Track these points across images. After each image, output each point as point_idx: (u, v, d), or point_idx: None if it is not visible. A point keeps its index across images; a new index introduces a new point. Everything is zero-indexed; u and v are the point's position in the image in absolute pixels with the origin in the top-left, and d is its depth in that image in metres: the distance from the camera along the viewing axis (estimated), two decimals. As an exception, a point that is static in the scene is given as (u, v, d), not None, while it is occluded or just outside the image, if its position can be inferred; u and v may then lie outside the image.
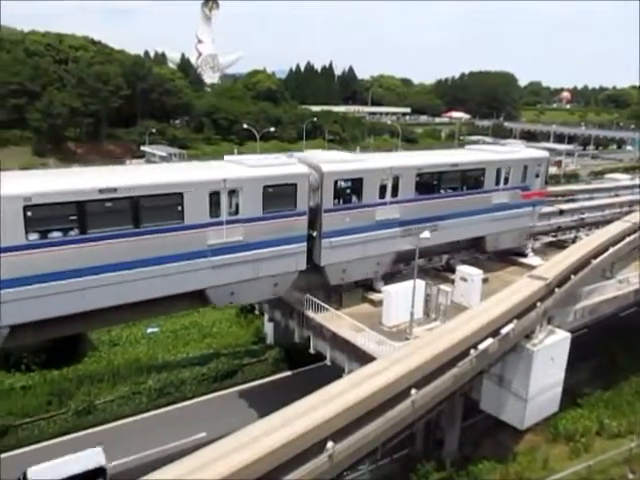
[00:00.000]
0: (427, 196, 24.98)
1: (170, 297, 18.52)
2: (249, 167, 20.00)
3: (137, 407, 26.01)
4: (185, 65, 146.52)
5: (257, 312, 31.84)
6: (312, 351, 24.05)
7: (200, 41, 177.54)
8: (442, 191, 25.65)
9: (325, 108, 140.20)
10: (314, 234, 21.80)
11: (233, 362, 29.22)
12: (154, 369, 28.48)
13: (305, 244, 21.26)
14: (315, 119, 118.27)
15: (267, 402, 25.14)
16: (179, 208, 17.73)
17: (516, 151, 29.84)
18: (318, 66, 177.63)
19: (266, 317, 31.20)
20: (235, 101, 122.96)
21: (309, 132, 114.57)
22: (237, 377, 28.75)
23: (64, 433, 24.21)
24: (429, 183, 25.12)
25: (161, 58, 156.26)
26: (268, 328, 32.16)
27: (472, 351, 17.53)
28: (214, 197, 18.57)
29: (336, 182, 21.75)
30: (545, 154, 30.96)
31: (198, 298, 19.69)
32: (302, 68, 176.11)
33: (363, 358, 20.04)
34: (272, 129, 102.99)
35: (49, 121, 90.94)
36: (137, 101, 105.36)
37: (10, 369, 27.87)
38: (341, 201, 22.15)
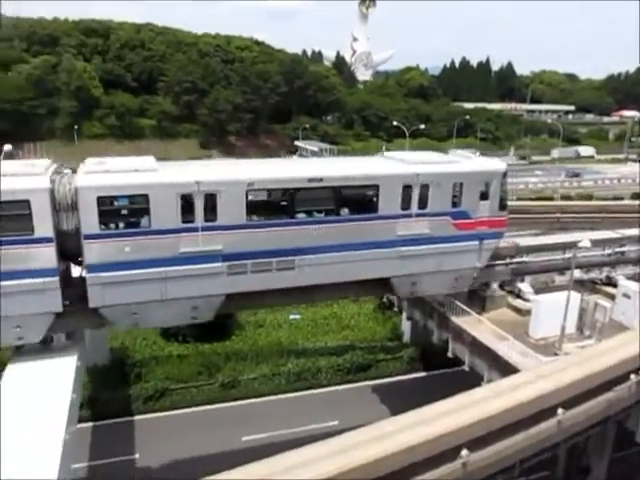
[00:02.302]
0: (271, 222, 18.27)
1: None
2: None
3: (276, 388, 27.43)
4: (340, 63, 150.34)
5: (396, 309, 31.76)
6: (450, 355, 23.45)
7: (355, 39, 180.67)
8: (299, 215, 18.62)
9: (479, 105, 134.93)
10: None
11: (368, 356, 29.52)
12: (293, 354, 29.81)
13: (56, 279, 16.00)
14: (467, 116, 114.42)
15: (400, 400, 25.16)
16: None
17: (443, 162, 21.29)
18: (474, 62, 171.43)
19: (404, 315, 30.99)
20: (386, 98, 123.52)
21: (460, 130, 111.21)
22: (371, 371, 28.98)
23: (210, 402, 26.32)
24: (273, 204, 18.53)
25: (318, 56, 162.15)
26: (405, 326, 31.96)
27: (633, 376, 15.86)
28: None
29: (102, 200, 16.07)
30: (498, 167, 21.73)
31: None
32: (457, 64, 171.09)
33: (505, 368, 19.10)
34: (422, 126, 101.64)
35: (215, 116, 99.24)
36: (293, 98, 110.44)
37: (170, 338, 31.02)
38: (116, 225, 16.61)
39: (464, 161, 21.61)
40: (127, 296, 16.92)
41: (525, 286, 24.71)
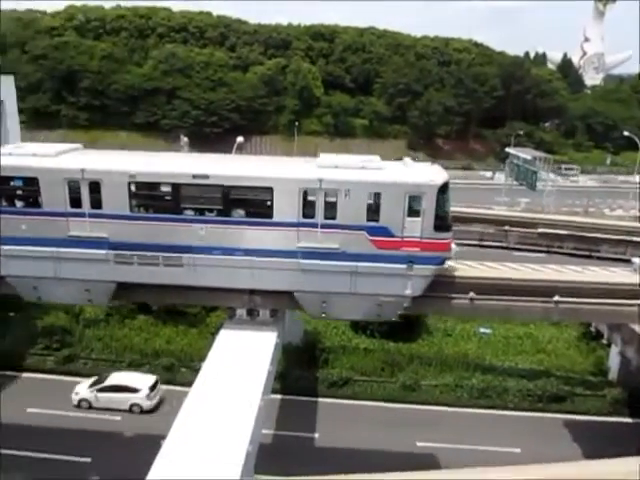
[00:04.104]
0: (156, 215, 18.16)
1: None
2: None
3: (457, 400, 26.65)
4: (565, 65, 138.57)
5: (604, 341, 28.40)
6: (668, 404, 20.23)
7: (587, 39, 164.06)
8: (187, 212, 18.12)
9: None
10: None
11: (564, 387, 26.94)
12: (480, 369, 28.64)
13: None
14: None
15: (596, 442, 22.78)
16: None
17: (358, 168, 18.15)
18: None
19: (614, 349, 27.60)
20: (617, 104, 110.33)
21: None
22: (565, 404, 26.43)
23: (389, 400, 26.61)
24: (158, 198, 18.35)
25: (541, 58, 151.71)
26: (613, 362, 28.38)
27: None
28: None
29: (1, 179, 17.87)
30: (431, 179, 17.84)
31: None
32: None
33: None
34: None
35: (424, 118, 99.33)
36: (509, 102, 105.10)
37: (358, 331, 32.13)
38: (12, 203, 18.26)
39: (389, 169, 18.53)
40: (26, 270, 18.57)
41: None
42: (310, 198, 17.74)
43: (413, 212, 17.74)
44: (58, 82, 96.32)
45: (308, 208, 17.75)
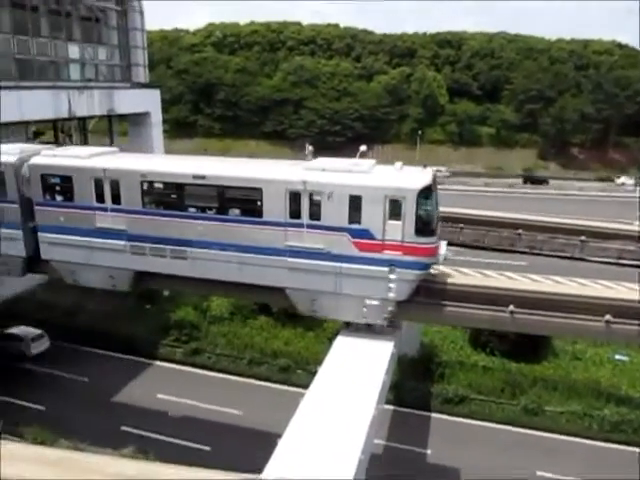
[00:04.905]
0: (163, 211, 19.88)
1: None
2: None
3: (585, 430, 24.57)
4: None
5: None
6: None
7: None
8: (189, 209, 19.58)
9: None
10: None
11: None
12: (613, 399, 26.15)
13: (19, 232, 21.35)
14: None
15: None
16: None
17: (341, 171, 18.27)
18: None
19: None
20: None
21: None
22: None
23: (508, 423, 25.23)
24: (164, 195, 19.94)
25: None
26: None
27: None
28: None
29: (44, 176, 20.60)
30: (411, 184, 17.47)
31: None
32: None
33: None
34: None
35: (557, 126, 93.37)
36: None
37: (477, 348, 30.86)
38: (54, 198, 20.79)
39: (375, 173, 18.48)
40: (66, 255, 21.26)
41: None
42: (296, 199, 18.36)
43: (394, 215, 17.69)
44: (197, 94, 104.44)
45: (295, 209, 18.45)
